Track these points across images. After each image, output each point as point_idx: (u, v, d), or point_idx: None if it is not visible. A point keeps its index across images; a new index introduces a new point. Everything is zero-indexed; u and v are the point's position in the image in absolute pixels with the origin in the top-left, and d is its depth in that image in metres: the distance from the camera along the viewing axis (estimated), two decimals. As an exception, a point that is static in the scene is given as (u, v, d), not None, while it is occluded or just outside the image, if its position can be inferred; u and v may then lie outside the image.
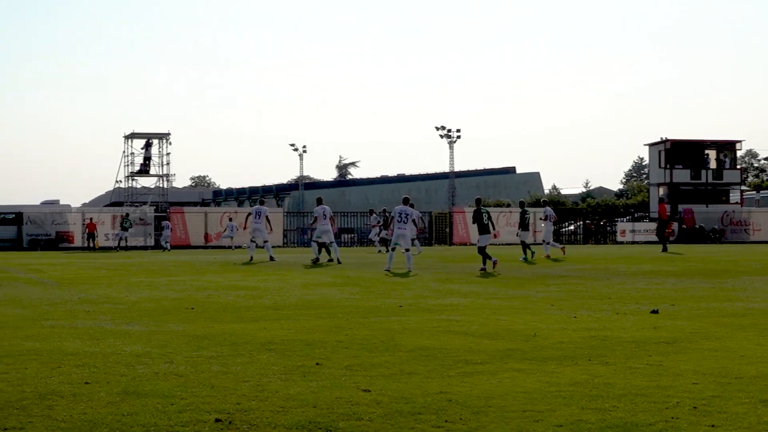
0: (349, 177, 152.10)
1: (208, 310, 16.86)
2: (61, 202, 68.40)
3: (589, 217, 76.54)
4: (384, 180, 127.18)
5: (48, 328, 14.04)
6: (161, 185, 70.92)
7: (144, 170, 70.97)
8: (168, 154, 70.35)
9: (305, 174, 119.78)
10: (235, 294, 20.39)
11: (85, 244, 58.50)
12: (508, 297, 19.41)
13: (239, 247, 53.89)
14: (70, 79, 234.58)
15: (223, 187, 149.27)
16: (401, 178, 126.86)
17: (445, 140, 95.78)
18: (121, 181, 70.84)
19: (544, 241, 39.96)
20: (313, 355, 11.07)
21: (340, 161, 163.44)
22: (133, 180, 70.90)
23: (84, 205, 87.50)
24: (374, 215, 51.59)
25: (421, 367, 10.20)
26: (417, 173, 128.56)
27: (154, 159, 70.73)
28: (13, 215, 61.51)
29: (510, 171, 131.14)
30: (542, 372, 9.89)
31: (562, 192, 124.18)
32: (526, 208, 39.01)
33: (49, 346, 11.98)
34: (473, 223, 31.44)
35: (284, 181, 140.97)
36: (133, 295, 20.11)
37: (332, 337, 12.72)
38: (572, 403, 8.30)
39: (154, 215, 62.78)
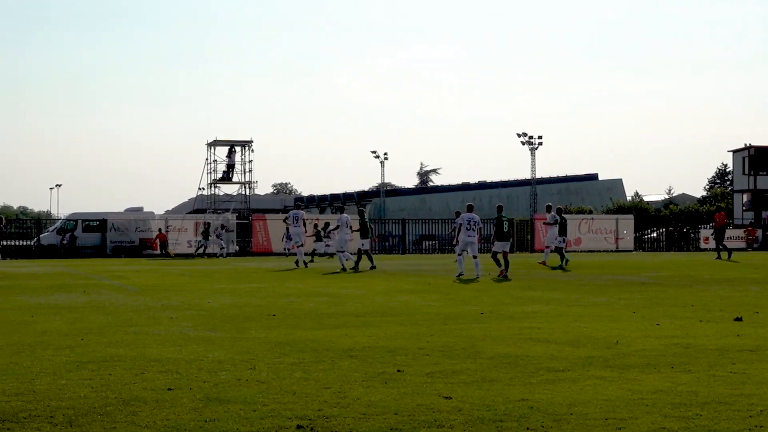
0: (431, 184, 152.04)
1: (290, 316, 16.91)
2: (145, 210, 68.97)
3: (672, 224, 75.65)
4: (465, 187, 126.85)
5: (132, 334, 14.18)
6: (244, 192, 71.31)
7: (227, 177, 71.33)
8: (250, 161, 70.67)
9: (386, 181, 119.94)
10: (316, 301, 20.45)
11: (161, 252, 59.14)
12: (589, 304, 19.24)
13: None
14: (155, 87, 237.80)
15: (305, 194, 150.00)
16: (482, 185, 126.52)
17: (526, 147, 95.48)
18: (203, 189, 71.35)
19: (546, 246, 39.65)
20: (395, 362, 11.05)
21: (421, 168, 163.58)
22: (215, 187, 71.32)
23: (167, 212, 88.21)
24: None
25: (503, 375, 10.13)
26: (498, 180, 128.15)
27: (237, 166, 71.06)
28: (98, 222, 62.31)
29: (592, 178, 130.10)
30: (624, 379, 9.78)
31: (645, 199, 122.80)
32: (563, 215, 38.60)
33: (133, 352, 12.10)
34: (495, 229, 31.92)
35: (365, 188, 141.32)
36: (216, 302, 20.25)
37: (413, 344, 12.70)
38: (655, 411, 8.19)
39: (236, 222, 63.20)
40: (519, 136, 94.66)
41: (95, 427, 7.72)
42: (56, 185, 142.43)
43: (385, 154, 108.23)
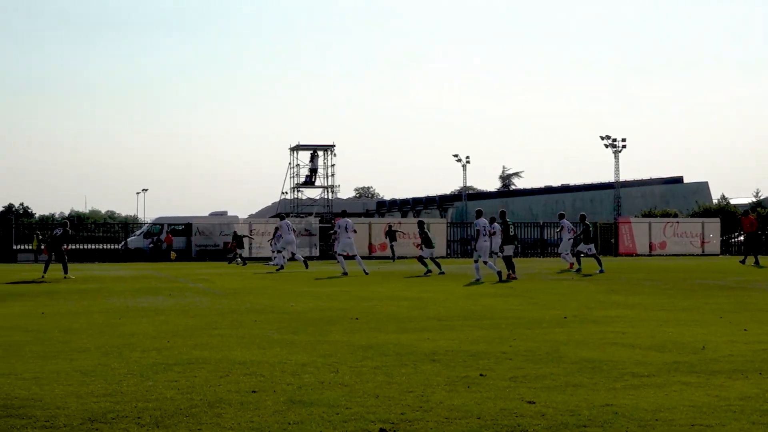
0: (513, 187, 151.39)
1: (372, 320, 16.95)
2: (229, 214, 69.61)
3: (760, 227, 74.28)
4: (548, 190, 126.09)
5: (216, 337, 14.32)
6: (326, 196, 71.73)
7: (309, 181, 71.79)
8: (333, 165, 71.11)
9: (468, 184, 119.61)
10: (398, 304, 20.47)
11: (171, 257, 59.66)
12: (675, 309, 19.02)
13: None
14: (239, 93, 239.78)
15: (387, 197, 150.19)
16: (565, 188, 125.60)
17: (610, 149, 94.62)
18: (286, 193, 71.88)
19: (560, 252, 39.50)
20: (478, 366, 11.03)
21: (503, 171, 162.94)
22: (298, 191, 71.84)
23: (251, 216, 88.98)
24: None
25: (587, 379, 10.07)
26: (581, 183, 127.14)
27: (320, 170, 71.52)
28: (183, 226, 63.01)
29: (677, 181, 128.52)
30: (711, 385, 9.65)
31: (732, 201, 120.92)
32: (587, 222, 38.33)
33: (218, 355, 12.22)
34: (501, 233, 32.67)
35: (447, 191, 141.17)
36: (298, 305, 20.37)
37: (496, 348, 12.66)
38: (742, 417, 8.08)
39: (319, 226, 63.49)
40: (602, 138, 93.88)
41: (181, 428, 7.82)
42: (143, 190, 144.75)
43: (467, 157, 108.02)
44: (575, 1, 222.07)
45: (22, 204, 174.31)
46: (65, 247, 36.28)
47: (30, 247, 62.68)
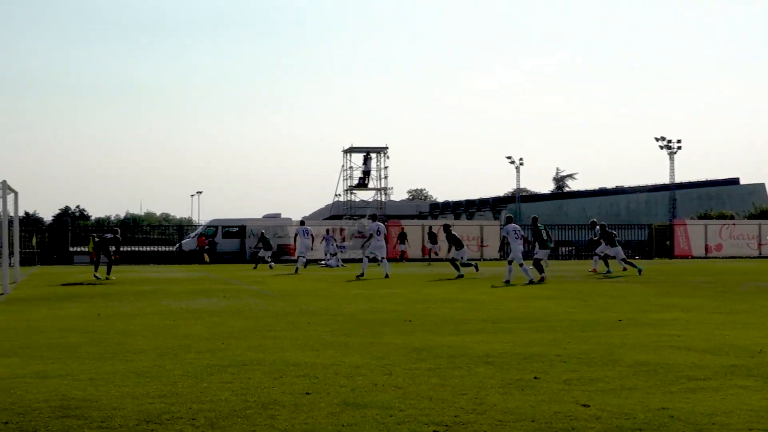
0: (567, 189, 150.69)
1: (426, 322, 16.94)
2: (283, 216, 69.86)
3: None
4: (602, 192, 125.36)
5: (270, 339, 14.38)
6: (379, 198, 71.78)
7: (362, 184, 71.88)
8: (386, 167, 71.18)
9: (522, 186, 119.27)
10: (452, 306, 20.45)
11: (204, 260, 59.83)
12: (731, 311, 18.84)
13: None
14: (292, 95, 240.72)
15: (440, 199, 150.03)
16: (620, 190, 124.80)
17: (665, 151, 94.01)
18: (340, 195, 72.09)
19: (594, 254, 39.28)
20: (531, 369, 10.99)
21: (557, 173, 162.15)
22: (351, 193, 72.00)
23: (304, 218, 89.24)
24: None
25: (642, 383, 9.99)
26: (636, 185, 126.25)
27: (373, 173, 71.60)
28: (237, 228, 63.31)
29: (733, 182, 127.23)
30: (769, 389, 9.56)
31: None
32: (608, 230, 38.19)
33: (272, 356, 12.26)
34: (533, 238, 33.13)
35: (501, 193, 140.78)
36: (352, 307, 20.40)
37: (550, 351, 12.61)
38: (801, 422, 7.99)
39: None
40: (657, 140, 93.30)
41: (235, 429, 7.85)
42: (197, 192, 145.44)
43: (521, 159, 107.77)
44: (627, 3, 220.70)
45: (78, 207, 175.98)
46: (114, 253, 36.66)
47: (86, 249, 63.24)
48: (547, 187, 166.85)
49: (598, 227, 38.76)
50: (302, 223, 46.06)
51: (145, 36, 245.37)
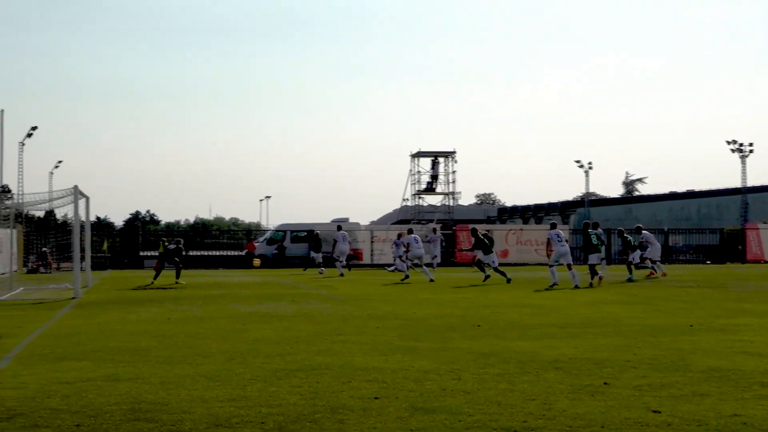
0: (636, 193, 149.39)
1: (494, 327, 16.90)
2: (351, 220, 69.94)
3: None
4: (672, 196, 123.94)
5: (339, 343, 14.42)
6: (447, 203, 71.68)
7: (430, 188, 71.78)
8: (454, 172, 70.96)
9: (591, 190, 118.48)
10: (519, 311, 20.37)
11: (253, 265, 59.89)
12: (805, 317, 18.59)
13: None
14: (359, 99, 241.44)
15: (508, 204, 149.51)
16: (690, 194, 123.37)
17: (736, 154, 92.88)
18: (407, 199, 72.01)
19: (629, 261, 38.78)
20: (601, 374, 10.92)
21: (626, 177, 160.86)
22: (419, 198, 71.94)
23: (372, 222, 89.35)
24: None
25: (714, 389, 9.89)
26: (707, 189, 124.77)
27: (441, 177, 71.46)
28: (305, 233, 63.52)
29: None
30: None
31: None
32: (625, 235, 37.51)
33: (340, 360, 12.30)
34: (583, 243, 33.47)
35: (569, 197, 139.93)
36: (420, 312, 20.40)
37: (620, 356, 12.52)
38: None
39: (441, 233, 63.45)
40: (728, 143, 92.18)
41: (304, 433, 7.89)
42: (266, 197, 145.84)
43: (590, 163, 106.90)
44: (697, 3, 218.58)
45: (148, 211, 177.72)
46: (178, 262, 37.16)
47: (156, 254, 63.87)
48: (616, 191, 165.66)
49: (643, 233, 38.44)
50: (339, 228, 46.72)
51: (216, 42, 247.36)
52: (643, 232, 38.96)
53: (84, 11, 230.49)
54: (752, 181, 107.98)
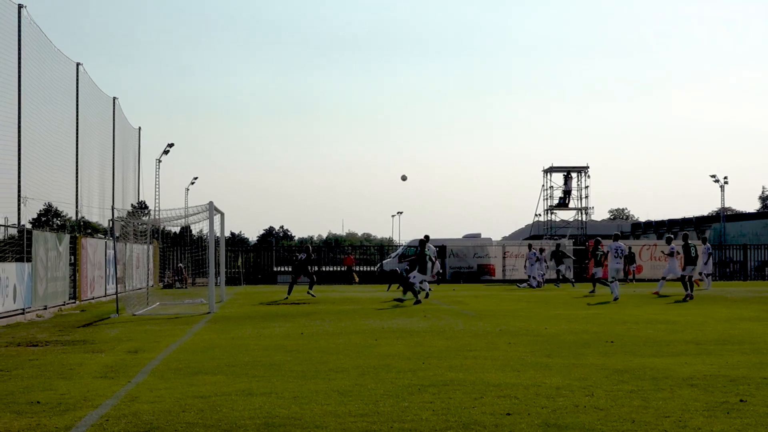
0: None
1: (628, 343, 16.72)
2: (482, 236, 69.84)
3: None
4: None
5: (470, 359, 14.43)
6: (580, 218, 71.14)
7: (563, 203, 71.39)
8: (587, 187, 70.48)
9: (726, 205, 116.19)
10: (653, 328, 20.11)
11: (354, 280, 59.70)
12: None
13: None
14: (491, 114, 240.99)
15: (642, 219, 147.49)
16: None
17: None
18: (540, 215, 71.74)
19: (662, 277, 37.54)
20: (737, 392, 10.74)
21: (763, 192, 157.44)
22: (552, 213, 71.58)
23: (504, 238, 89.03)
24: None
25: None
26: None
27: (573, 192, 71.02)
28: (437, 248, 63.66)
29: None
30: None
31: None
32: (689, 242, 35.56)
33: (472, 376, 12.31)
34: (684, 256, 34.58)
35: (704, 212, 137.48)
36: (552, 328, 20.28)
37: (757, 374, 12.29)
38: None
39: (573, 248, 62.99)
40: None
41: (436, 449, 7.92)
42: (398, 212, 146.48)
43: (725, 177, 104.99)
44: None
45: (282, 227, 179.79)
46: (312, 273, 37.52)
47: (289, 269, 64.57)
48: (753, 206, 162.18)
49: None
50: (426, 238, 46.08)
51: (346, 58, 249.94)
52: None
53: (217, 29, 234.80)
54: None
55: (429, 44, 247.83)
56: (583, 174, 70.76)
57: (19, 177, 29.48)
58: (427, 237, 33.31)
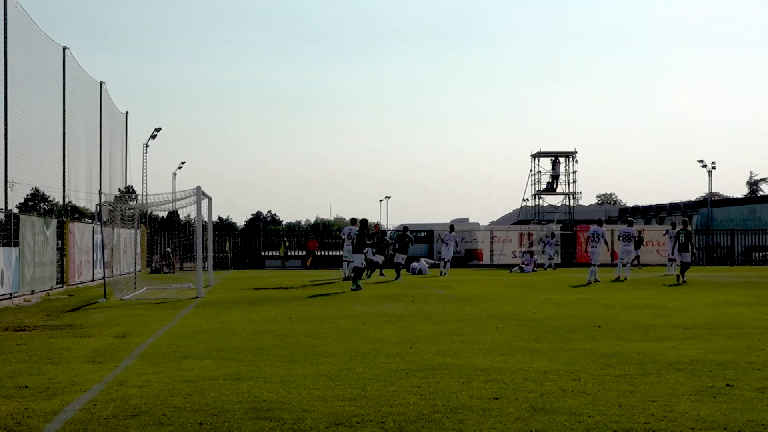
0: (761, 194, 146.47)
1: (615, 328, 16.77)
2: (470, 221, 69.84)
3: None
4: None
5: (458, 343, 14.45)
6: (568, 203, 71.17)
7: (551, 188, 71.32)
8: (574, 172, 70.39)
9: (714, 191, 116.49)
10: (641, 312, 20.17)
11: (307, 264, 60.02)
12: None
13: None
14: (479, 101, 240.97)
15: (630, 204, 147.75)
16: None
17: None
18: (528, 200, 71.69)
19: (670, 258, 38.35)
20: (724, 376, 10.78)
21: (750, 177, 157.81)
22: (539, 198, 71.55)
23: (492, 223, 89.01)
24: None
25: (842, 392, 9.68)
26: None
27: (561, 177, 70.98)
28: (425, 233, 63.67)
29: None
30: None
31: None
32: (688, 228, 35.69)
33: (460, 361, 12.33)
34: (679, 242, 35.32)
35: (692, 198, 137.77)
36: (540, 312, 20.31)
37: (743, 358, 12.33)
38: None
39: (561, 233, 63.06)
40: None
41: (424, 433, 7.94)
42: (385, 197, 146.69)
43: (713, 163, 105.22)
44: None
45: (269, 212, 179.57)
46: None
47: (277, 254, 64.51)
48: (740, 191, 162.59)
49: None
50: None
51: (336, 46, 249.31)
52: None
53: (205, 15, 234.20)
54: None
55: (415, 30, 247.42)
56: (571, 159, 70.71)
57: (5, 161, 29.41)
58: (363, 220, 33.59)
